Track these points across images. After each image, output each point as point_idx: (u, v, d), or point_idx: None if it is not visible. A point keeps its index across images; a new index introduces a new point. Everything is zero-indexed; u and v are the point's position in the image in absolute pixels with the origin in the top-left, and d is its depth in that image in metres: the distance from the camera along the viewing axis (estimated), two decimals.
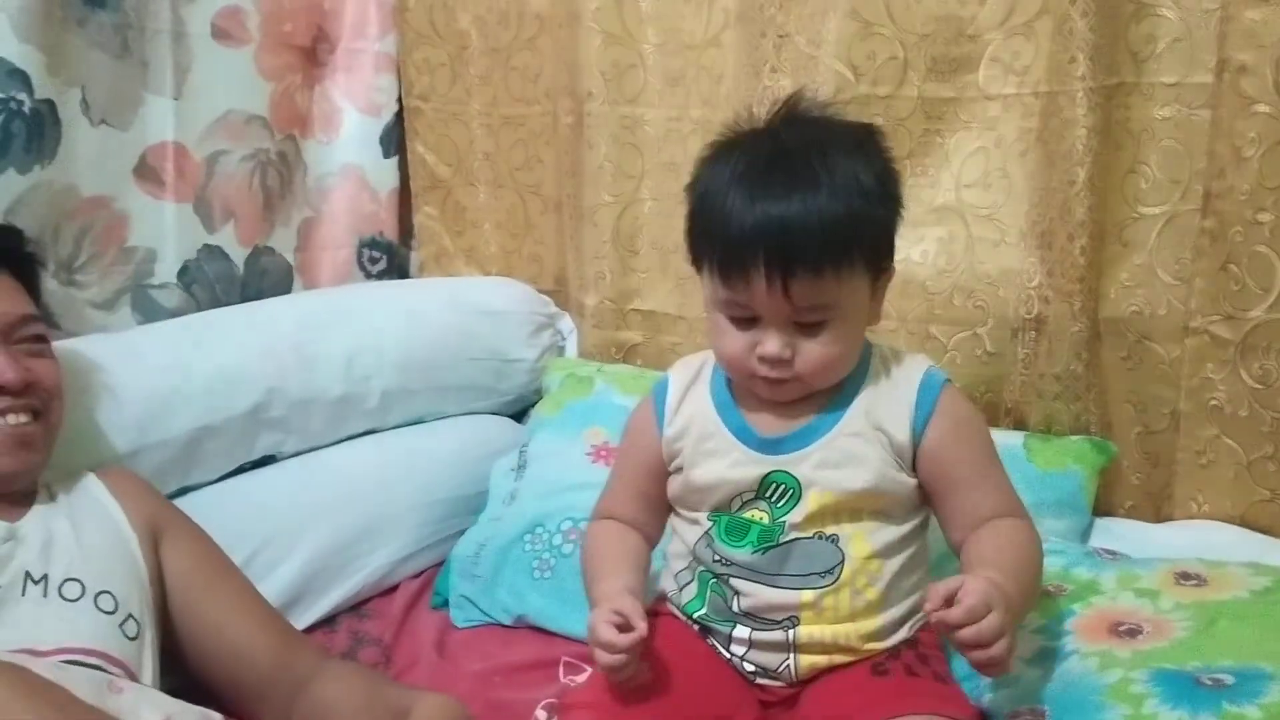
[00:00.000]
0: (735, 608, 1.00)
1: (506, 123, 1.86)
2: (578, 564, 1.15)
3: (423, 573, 1.48)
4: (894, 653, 0.99)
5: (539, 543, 1.38)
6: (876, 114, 1.41)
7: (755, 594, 0.99)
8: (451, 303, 1.73)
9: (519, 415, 1.76)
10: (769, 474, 0.99)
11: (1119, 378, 1.39)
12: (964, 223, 1.44)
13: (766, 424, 1.01)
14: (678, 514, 1.07)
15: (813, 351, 0.95)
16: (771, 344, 0.94)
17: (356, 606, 1.41)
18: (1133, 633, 1.00)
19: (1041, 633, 1.05)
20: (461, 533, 1.48)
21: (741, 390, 1.03)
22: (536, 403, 1.68)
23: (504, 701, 1.19)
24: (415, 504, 1.49)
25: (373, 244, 1.94)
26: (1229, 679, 0.90)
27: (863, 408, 0.99)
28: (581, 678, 1.21)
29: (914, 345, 1.44)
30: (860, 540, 0.98)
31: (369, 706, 1.04)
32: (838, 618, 0.98)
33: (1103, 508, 1.39)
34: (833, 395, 1.00)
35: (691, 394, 1.06)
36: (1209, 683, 0.90)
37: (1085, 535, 1.33)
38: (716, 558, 1.01)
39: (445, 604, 1.41)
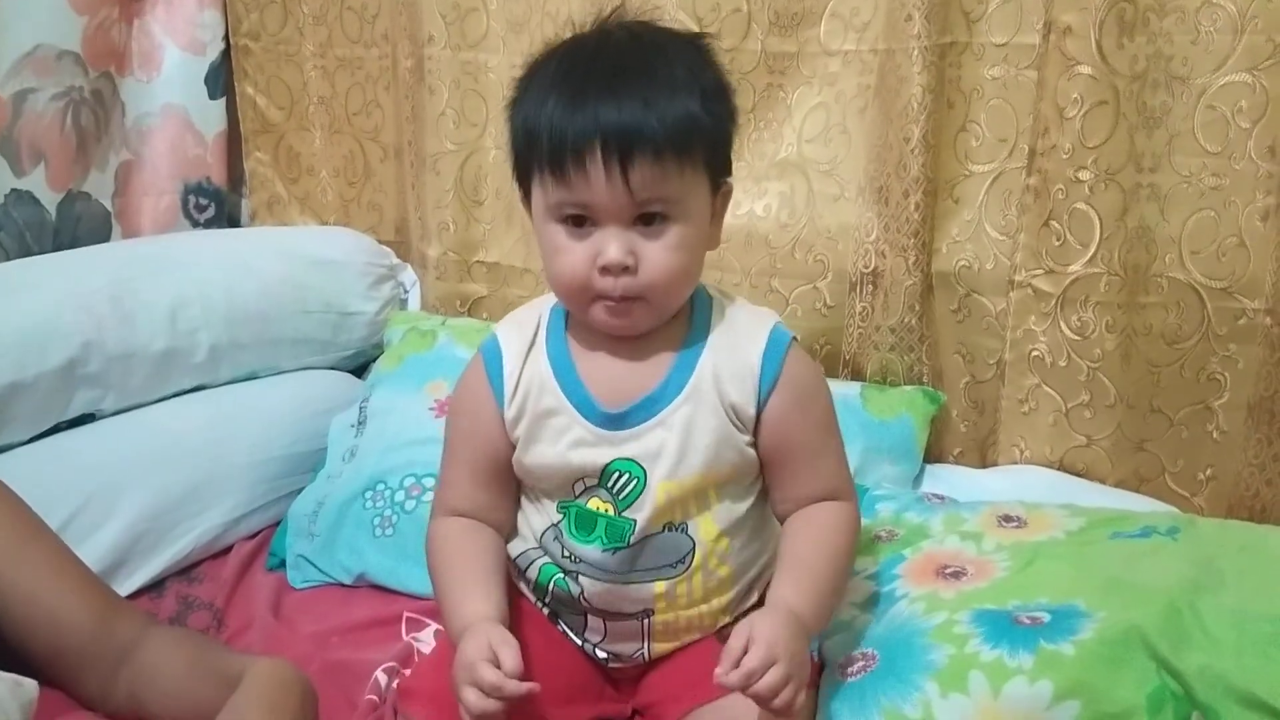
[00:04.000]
0: (584, 601, 0.98)
1: (342, 65, 1.79)
2: (422, 520, 1.08)
3: (258, 533, 1.43)
4: (738, 617, 0.97)
5: (380, 500, 1.35)
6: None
7: (605, 593, 0.96)
8: (285, 252, 1.66)
9: (360, 370, 1.71)
10: (610, 463, 0.94)
11: (949, 329, 1.44)
12: (805, 177, 1.46)
13: (609, 391, 0.94)
14: (525, 494, 1.01)
15: (656, 256, 0.88)
16: (613, 248, 0.87)
17: (186, 570, 1.35)
18: (957, 574, 1.05)
19: (873, 579, 1.08)
20: (299, 491, 1.44)
21: (580, 343, 0.96)
22: (377, 357, 1.64)
23: (343, 662, 1.16)
24: (248, 462, 1.43)
25: (199, 190, 1.85)
26: (1045, 616, 0.95)
27: (709, 371, 0.94)
28: (424, 633, 1.20)
29: (756, 298, 1.46)
30: (708, 523, 0.95)
31: (194, 672, 1.00)
32: (692, 602, 0.96)
33: (933, 454, 1.44)
34: (677, 349, 0.95)
35: (530, 362, 0.97)
36: (1027, 621, 0.95)
37: (917, 481, 1.39)
38: (566, 554, 0.97)
39: (282, 565, 1.37)
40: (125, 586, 1.28)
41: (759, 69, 1.45)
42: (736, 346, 0.95)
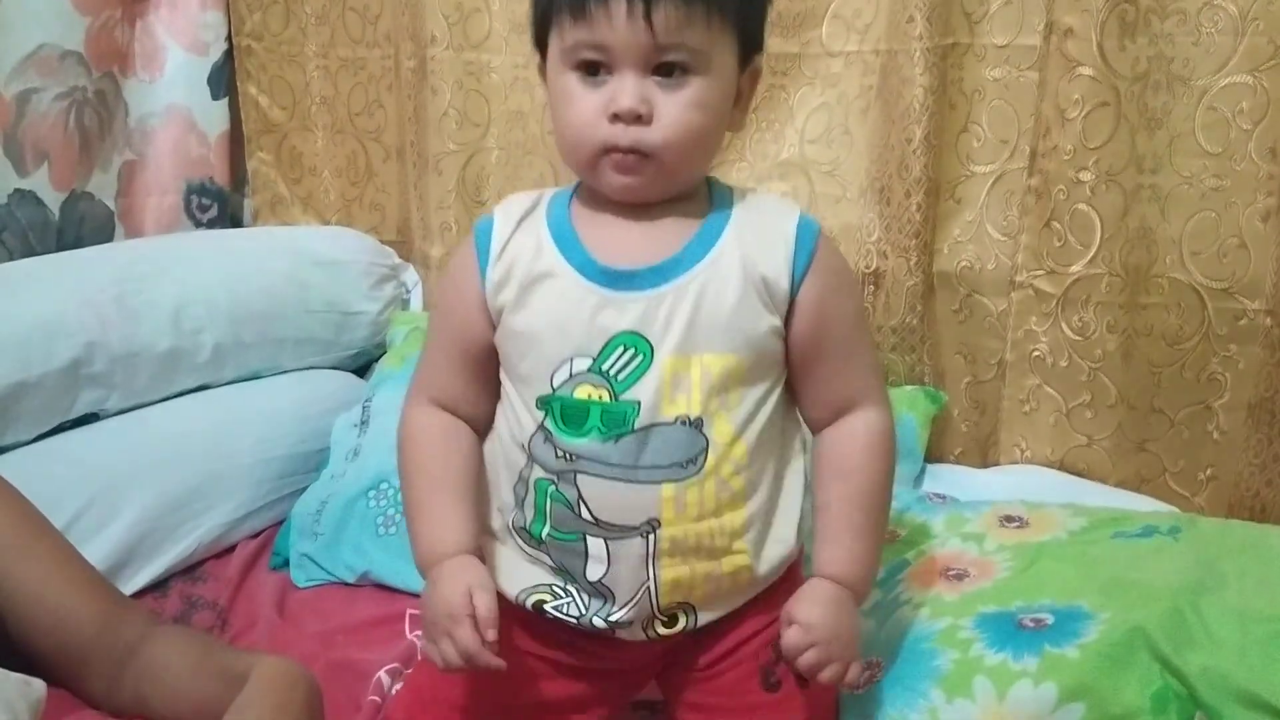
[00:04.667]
0: (584, 514, 0.85)
1: (345, 66, 1.79)
2: None
3: (261, 532, 1.43)
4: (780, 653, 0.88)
5: (384, 498, 1.35)
6: None
7: (606, 493, 0.84)
8: (287, 252, 1.66)
9: (362, 370, 1.71)
10: (615, 336, 0.83)
11: (950, 329, 1.44)
12: (808, 178, 1.47)
13: (615, 254, 0.85)
14: (506, 399, 0.90)
15: (672, 110, 0.81)
16: (627, 94, 0.80)
17: (190, 569, 1.35)
18: (960, 576, 1.05)
19: (877, 585, 1.08)
20: (302, 491, 1.44)
21: (586, 210, 0.88)
22: (380, 357, 1.65)
23: (347, 661, 1.17)
24: (252, 461, 1.43)
25: (202, 190, 1.85)
26: (1049, 618, 0.95)
27: (735, 241, 0.85)
28: None
29: None
30: (723, 422, 0.84)
31: (200, 670, 1.00)
32: (703, 513, 0.85)
33: (935, 454, 1.45)
34: (698, 221, 0.86)
35: (524, 228, 0.88)
36: (1030, 624, 0.95)
37: (918, 481, 1.39)
38: (559, 453, 0.85)
39: (285, 564, 1.38)
40: (129, 586, 1.27)
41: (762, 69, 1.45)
42: (765, 222, 0.87)
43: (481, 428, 0.94)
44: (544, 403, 0.85)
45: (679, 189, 0.87)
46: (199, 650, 1.05)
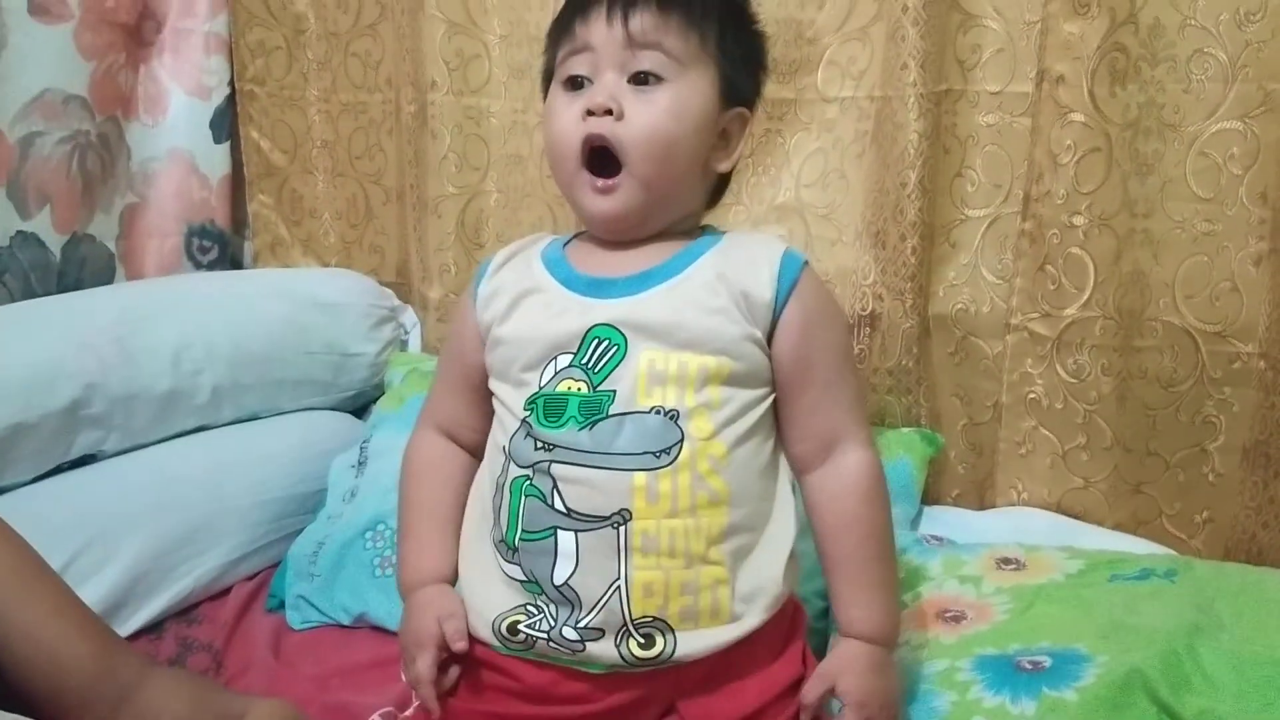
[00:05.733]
0: (556, 504, 0.85)
1: (346, 110, 1.81)
2: None
3: (257, 574, 1.43)
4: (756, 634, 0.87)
5: (380, 540, 1.35)
6: None
7: (580, 479, 0.85)
8: (287, 294, 1.67)
9: (360, 411, 1.71)
10: (591, 329, 0.87)
11: (946, 372, 1.45)
12: (803, 221, 1.48)
13: (599, 269, 0.91)
14: (495, 417, 0.94)
15: (643, 109, 0.87)
16: (601, 90, 0.88)
17: (185, 611, 1.35)
18: (957, 619, 1.05)
19: None
20: (299, 532, 1.43)
21: (579, 247, 0.95)
22: (378, 398, 1.65)
23: (342, 704, 1.16)
24: (248, 503, 1.43)
25: (203, 232, 1.86)
26: (1047, 660, 0.95)
27: (714, 261, 0.89)
28: None
29: None
30: (702, 419, 0.86)
31: (195, 713, 1.00)
32: (676, 510, 0.84)
33: (931, 496, 1.45)
34: (678, 244, 0.92)
35: (518, 258, 0.96)
36: (1028, 666, 0.95)
37: (915, 523, 1.39)
38: (538, 444, 0.87)
39: (281, 606, 1.37)
40: (125, 628, 1.27)
41: (758, 114, 1.46)
42: (750, 249, 0.92)
43: (480, 453, 0.98)
44: (531, 401, 0.89)
45: (665, 220, 0.91)
46: (194, 693, 1.04)
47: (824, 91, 1.45)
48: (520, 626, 0.88)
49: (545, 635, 0.86)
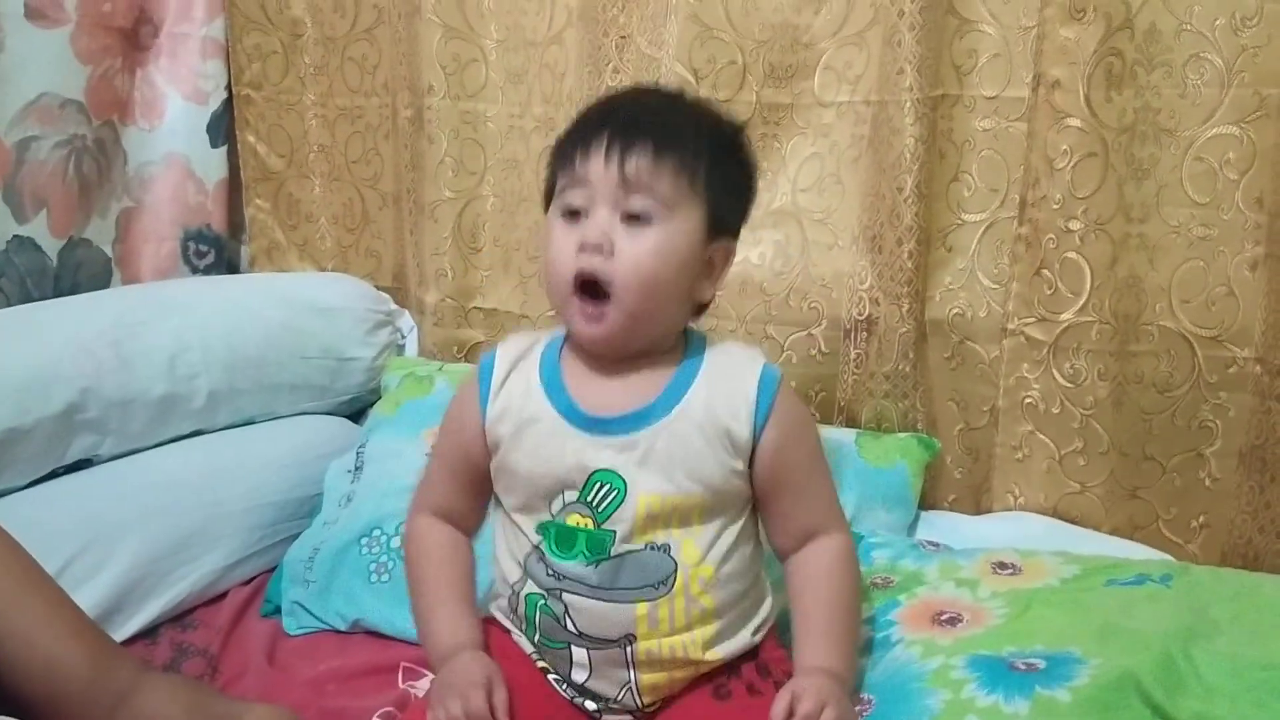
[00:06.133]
0: (570, 627, 0.97)
1: (343, 114, 1.81)
2: None
3: (253, 579, 1.42)
4: (734, 670, 0.98)
5: (376, 545, 1.34)
6: None
7: (588, 610, 0.96)
8: (283, 298, 1.67)
9: (356, 415, 1.71)
10: (593, 474, 0.95)
11: (943, 377, 1.45)
12: (799, 226, 1.48)
13: (596, 404, 0.97)
14: (508, 519, 1.02)
15: (631, 249, 0.93)
16: (594, 227, 0.93)
17: (180, 616, 1.34)
18: (953, 621, 1.05)
19: (869, 623, 1.08)
20: (295, 537, 1.43)
21: (573, 363, 1.00)
22: (374, 403, 1.65)
23: (339, 710, 1.15)
24: (244, 508, 1.43)
25: (199, 237, 1.86)
26: (1041, 663, 0.95)
27: (703, 395, 0.97)
28: (421, 683, 1.19)
29: (752, 345, 1.48)
30: (690, 546, 0.96)
31: (191, 718, 1.00)
32: (674, 628, 0.96)
33: (928, 501, 1.45)
34: (670, 375, 0.98)
35: (519, 370, 1.01)
36: (1023, 667, 0.95)
37: (912, 528, 1.39)
38: (550, 572, 0.97)
39: (277, 611, 1.37)
40: (121, 633, 1.26)
41: (754, 120, 1.47)
42: (731, 378, 0.98)
43: (472, 536, 1.08)
44: (543, 527, 0.97)
45: (649, 340, 0.97)
46: (190, 698, 1.04)
47: (820, 96, 1.45)
48: (549, 678, 1.01)
49: (565, 694, 1.01)
